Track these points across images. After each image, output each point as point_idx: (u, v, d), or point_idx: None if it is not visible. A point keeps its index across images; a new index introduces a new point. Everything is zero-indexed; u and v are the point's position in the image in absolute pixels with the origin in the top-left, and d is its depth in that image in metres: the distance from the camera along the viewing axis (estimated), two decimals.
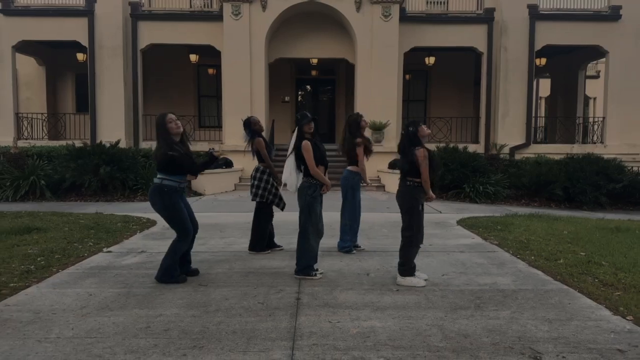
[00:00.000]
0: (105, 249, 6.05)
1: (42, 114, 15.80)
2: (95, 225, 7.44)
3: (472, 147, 13.45)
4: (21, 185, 10.67)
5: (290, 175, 4.83)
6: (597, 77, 25.01)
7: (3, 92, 14.55)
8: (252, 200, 5.86)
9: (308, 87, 18.74)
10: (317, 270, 4.78)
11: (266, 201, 5.80)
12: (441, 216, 8.84)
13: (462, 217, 8.65)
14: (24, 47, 15.10)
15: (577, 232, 7.14)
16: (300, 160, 4.77)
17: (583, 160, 10.99)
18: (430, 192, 4.58)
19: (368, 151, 6.07)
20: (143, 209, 9.50)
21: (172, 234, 7.08)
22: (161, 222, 7.90)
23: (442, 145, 12.26)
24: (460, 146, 12.17)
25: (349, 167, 6.02)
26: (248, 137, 5.98)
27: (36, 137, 15.45)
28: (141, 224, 7.84)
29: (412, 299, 4.12)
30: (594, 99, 26.40)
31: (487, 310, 3.86)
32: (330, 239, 6.24)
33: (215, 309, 3.86)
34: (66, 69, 17.23)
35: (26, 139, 15.07)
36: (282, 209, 6.00)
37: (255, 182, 5.86)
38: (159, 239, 6.70)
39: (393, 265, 5.19)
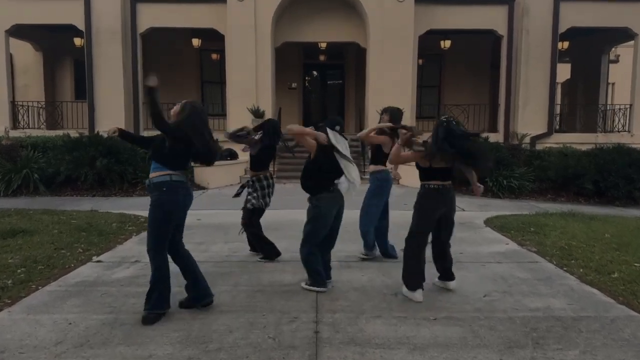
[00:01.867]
0: (95, 258, 5.38)
1: (38, 101, 15.10)
2: (87, 227, 6.77)
3: (490, 137, 12.63)
4: (13, 179, 10.02)
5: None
6: (616, 61, 23.95)
7: None
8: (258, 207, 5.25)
9: (316, 72, 17.89)
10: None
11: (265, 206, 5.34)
12: (465, 215, 8.10)
13: (488, 215, 7.92)
14: (19, 31, 14.33)
15: (620, 236, 6.40)
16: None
17: (614, 151, 10.18)
18: None
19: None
20: (141, 205, 8.80)
21: None
22: None
23: None
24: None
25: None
26: (259, 137, 5.23)
27: (33, 126, 14.79)
28: (138, 224, 7.17)
29: (455, 333, 3.42)
30: (613, 84, 25.36)
31: (549, 350, 3.16)
32: (346, 243, 5.54)
33: (217, 347, 3.18)
34: (64, 55, 16.47)
35: (23, 129, 14.41)
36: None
37: (265, 191, 5.28)
38: None
39: (427, 280, 4.49)
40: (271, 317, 3.68)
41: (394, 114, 5.18)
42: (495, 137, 13.23)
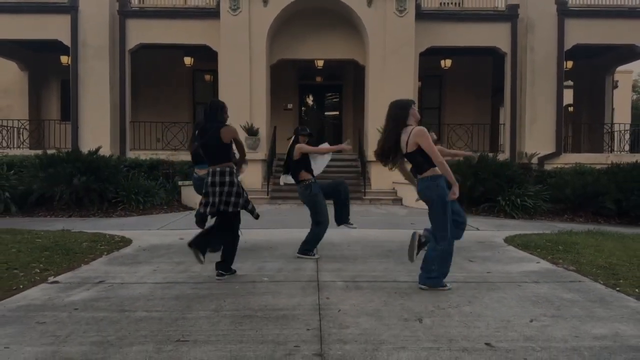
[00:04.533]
0: (51, 278, 4.48)
1: (18, 120, 14.32)
2: (53, 246, 5.87)
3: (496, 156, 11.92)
4: None
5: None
6: (615, 87, 23.69)
7: None
8: (230, 210, 4.41)
9: (312, 94, 17.30)
10: None
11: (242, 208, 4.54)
12: (481, 234, 7.28)
13: (506, 234, 7.09)
14: (2, 48, 13.72)
15: None
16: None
17: (635, 169, 9.46)
18: None
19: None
20: (120, 226, 7.97)
21: (145, 258, 5.58)
22: (136, 242, 6.38)
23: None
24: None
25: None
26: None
27: (14, 146, 13.98)
28: (112, 243, 6.28)
29: None
30: (612, 109, 25.06)
31: None
32: (352, 262, 4.68)
33: None
34: (51, 75, 15.82)
35: (3, 149, 13.60)
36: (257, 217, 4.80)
37: (232, 189, 4.40)
38: (127, 263, 5.13)
39: (451, 303, 3.63)
40: (262, 349, 2.80)
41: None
42: (502, 157, 12.53)
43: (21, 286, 4.20)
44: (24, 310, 3.55)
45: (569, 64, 14.61)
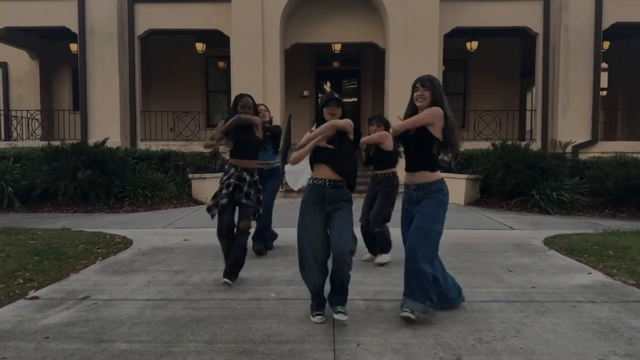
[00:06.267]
0: (32, 292, 3.97)
1: (28, 110, 13.98)
2: (46, 249, 5.39)
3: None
4: None
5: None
6: None
7: None
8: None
9: (329, 80, 16.57)
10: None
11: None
12: (516, 234, 6.55)
13: (544, 235, 6.35)
14: (10, 36, 13.32)
15: None
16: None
17: None
18: None
19: None
20: (124, 223, 7.48)
21: (142, 265, 5.04)
22: (137, 244, 5.86)
23: (498, 142, 9.93)
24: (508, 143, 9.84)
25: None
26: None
27: (26, 137, 13.68)
28: (111, 245, 5.76)
29: None
30: None
31: None
32: (371, 273, 4.04)
33: None
34: (62, 63, 15.42)
35: (15, 140, 13.29)
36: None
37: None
38: (121, 272, 4.59)
39: (495, 334, 2.97)
40: None
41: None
42: (533, 147, 11.68)
43: None
44: None
45: (606, 44, 13.54)
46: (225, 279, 4.02)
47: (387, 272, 4.52)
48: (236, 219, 4.19)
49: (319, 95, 16.31)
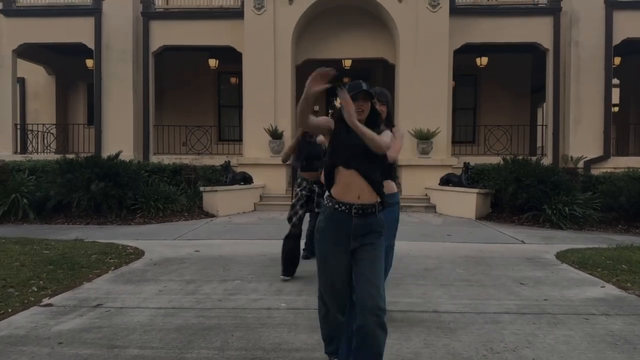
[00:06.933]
0: (45, 300, 4.02)
1: (43, 124, 14.25)
2: (59, 259, 5.46)
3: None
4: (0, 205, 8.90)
5: None
6: None
7: (1, 101, 13.04)
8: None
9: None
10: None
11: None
12: (528, 248, 6.51)
13: (556, 249, 6.30)
14: (28, 52, 13.66)
15: None
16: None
17: None
18: None
19: None
20: (136, 235, 7.55)
21: (153, 275, 5.10)
22: (148, 255, 5.90)
23: (509, 157, 9.91)
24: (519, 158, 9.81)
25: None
26: None
27: (41, 151, 13.93)
28: (123, 256, 5.82)
29: None
30: None
31: None
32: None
33: None
34: (77, 79, 15.74)
35: (30, 153, 13.53)
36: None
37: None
38: (133, 281, 4.64)
39: (507, 345, 2.95)
40: None
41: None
42: (544, 161, 11.63)
43: (10, 310, 3.76)
44: (3, 342, 3.07)
45: (617, 60, 13.52)
46: (283, 276, 4.68)
47: (398, 284, 4.51)
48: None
49: (329, 111, 16.43)
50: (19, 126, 13.74)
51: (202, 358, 2.80)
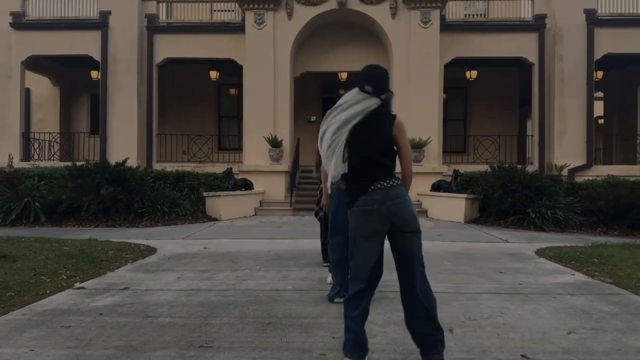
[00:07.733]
0: (77, 284, 4.50)
1: (49, 133, 14.72)
2: (79, 254, 5.93)
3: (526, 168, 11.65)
4: (12, 208, 9.34)
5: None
6: None
7: (10, 111, 13.52)
8: None
9: None
10: None
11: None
12: (511, 246, 7.06)
13: (537, 247, 6.85)
14: (36, 64, 14.18)
15: None
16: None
17: None
18: None
19: None
20: (146, 235, 8.03)
21: (169, 266, 5.58)
22: (161, 251, 6.38)
23: (495, 165, 10.50)
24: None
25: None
26: None
27: (45, 158, 14.37)
28: (137, 252, 6.31)
29: None
30: None
31: None
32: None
33: None
34: (81, 89, 16.26)
35: (35, 161, 13.97)
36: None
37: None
38: (151, 271, 5.13)
39: (482, 314, 3.48)
40: (287, 356, 2.72)
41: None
42: (530, 169, 12.24)
43: (47, 291, 4.23)
44: (50, 314, 3.56)
45: (599, 74, 14.26)
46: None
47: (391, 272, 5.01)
48: None
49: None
50: (25, 135, 14.20)
51: (225, 324, 3.30)
